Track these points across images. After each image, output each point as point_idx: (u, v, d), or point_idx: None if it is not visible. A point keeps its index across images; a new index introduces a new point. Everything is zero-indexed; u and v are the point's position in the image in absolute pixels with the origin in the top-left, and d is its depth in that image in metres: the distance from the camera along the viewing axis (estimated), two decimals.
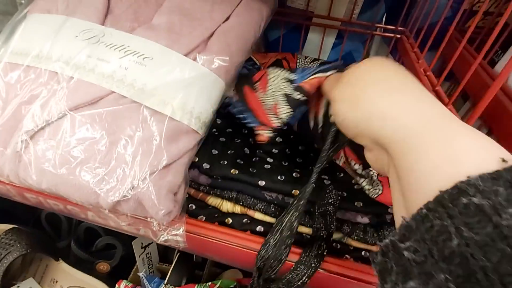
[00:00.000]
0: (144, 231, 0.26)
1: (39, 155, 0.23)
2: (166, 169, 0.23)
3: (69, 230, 0.50)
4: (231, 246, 0.25)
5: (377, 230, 0.26)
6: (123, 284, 0.38)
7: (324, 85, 0.23)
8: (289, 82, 0.25)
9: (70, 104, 0.23)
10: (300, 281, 0.23)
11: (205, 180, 0.27)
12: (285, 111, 0.25)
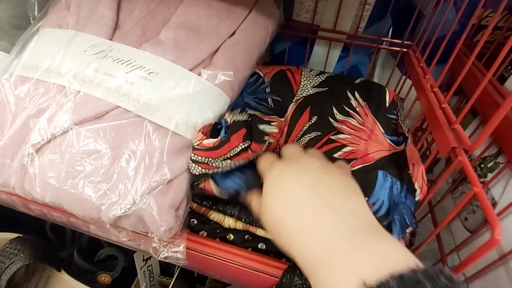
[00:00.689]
0: (144, 247, 0.25)
1: (44, 168, 0.23)
2: (168, 185, 0.23)
3: (72, 239, 0.51)
4: (231, 265, 0.24)
5: None
6: None
7: (259, 165, 0.24)
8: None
9: (76, 119, 0.24)
10: None
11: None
12: None
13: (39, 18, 0.31)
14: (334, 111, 0.35)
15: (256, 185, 0.24)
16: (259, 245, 0.26)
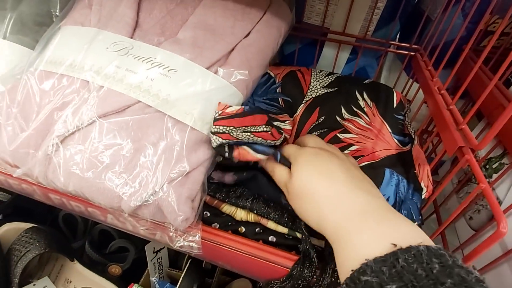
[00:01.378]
0: (160, 236, 0.26)
1: (68, 158, 0.25)
2: (186, 177, 0.24)
3: (84, 231, 0.52)
4: (243, 255, 0.25)
5: None
6: (135, 287, 0.38)
7: (286, 151, 0.26)
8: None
9: (100, 112, 0.25)
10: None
11: (231, 178, 0.28)
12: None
13: (61, 16, 0.32)
14: (342, 110, 0.36)
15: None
16: (269, 238, 0.27)
